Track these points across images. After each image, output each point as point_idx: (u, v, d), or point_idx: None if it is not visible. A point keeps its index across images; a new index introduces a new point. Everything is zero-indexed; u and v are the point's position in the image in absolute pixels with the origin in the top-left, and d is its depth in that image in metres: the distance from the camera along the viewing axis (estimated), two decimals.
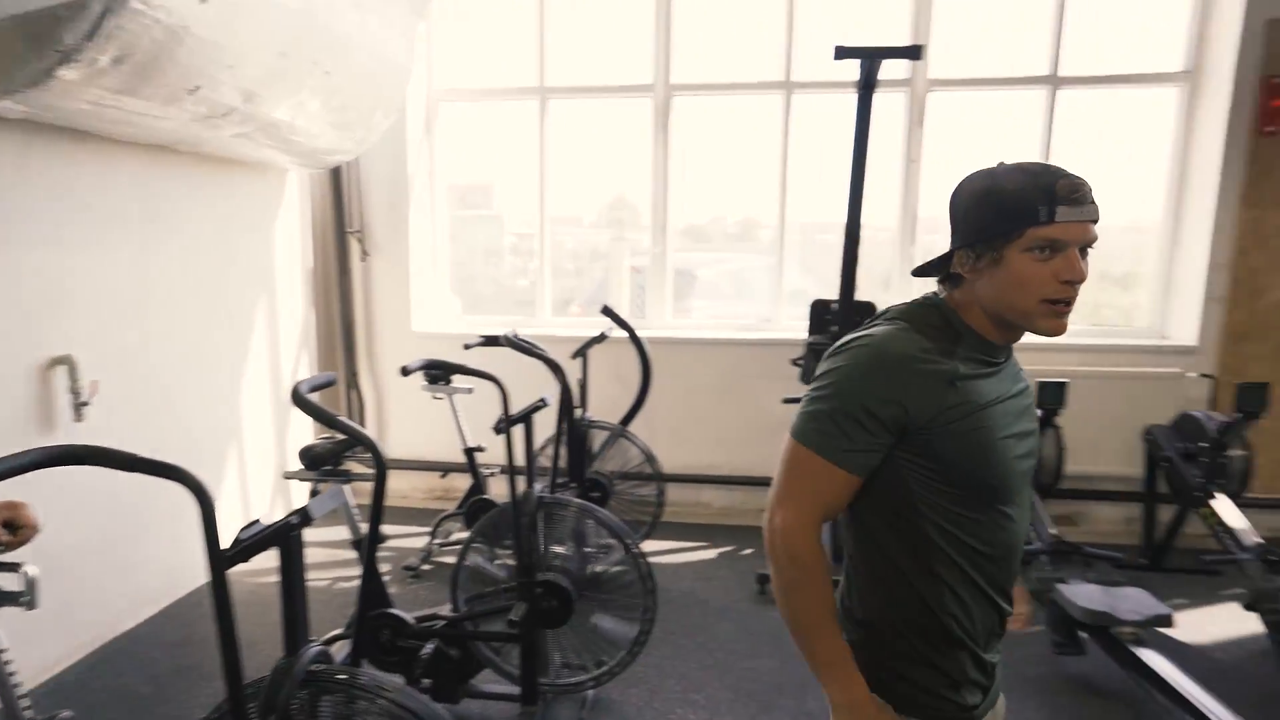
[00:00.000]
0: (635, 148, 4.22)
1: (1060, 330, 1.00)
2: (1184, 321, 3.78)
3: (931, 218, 4.03)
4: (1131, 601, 2.43)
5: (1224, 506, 2.94)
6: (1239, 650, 2.74)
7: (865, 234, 2.95)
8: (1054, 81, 3.83)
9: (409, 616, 2.13)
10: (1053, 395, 2.91)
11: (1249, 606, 2.57)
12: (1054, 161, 1.43)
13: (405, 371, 2.49)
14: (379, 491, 1.84)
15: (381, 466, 1.85)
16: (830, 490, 1.01)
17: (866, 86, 2.86)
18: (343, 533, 2.82)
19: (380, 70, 3.34)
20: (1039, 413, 3.00)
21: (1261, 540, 2.71)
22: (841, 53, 2.83)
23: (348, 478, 2.73)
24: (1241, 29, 3.46)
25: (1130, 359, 3.78)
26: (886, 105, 3.73)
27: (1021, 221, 0.95)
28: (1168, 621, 2.35)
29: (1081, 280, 0.97)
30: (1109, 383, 3.72)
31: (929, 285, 1.13)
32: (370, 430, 4.27)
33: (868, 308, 2.97)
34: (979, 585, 1.04)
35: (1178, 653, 2.68)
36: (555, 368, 2.54)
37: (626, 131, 4.28)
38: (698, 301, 4.77)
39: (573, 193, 4.57)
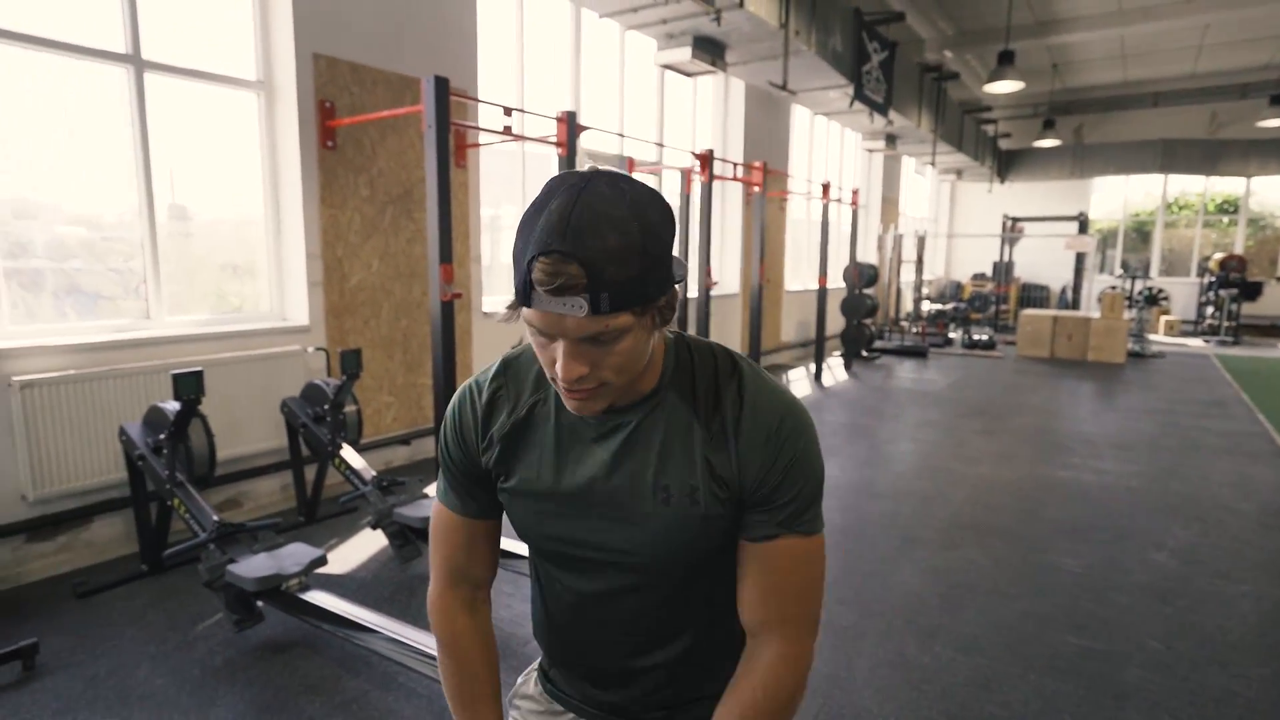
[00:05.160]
0: None
1: (585, 413, 0.84)
2: (296, 304, 4.35)
3: None
4: (293, 557, 2.74)
5: (349, 454, 3.61)
6: (376, 563, 3.47)
7: None
8: (137, 63, 3.67)
9: None
10: (191, 385, 2.91)
11: (374, 526, 3.28)
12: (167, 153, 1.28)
13: None
14: None
15: None
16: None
17: None
18: None
19: None
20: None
21: (375, 473, 3.47)
22: None
23: None
24: (295, 55, 4.09)
25: (260, 341, 4.12)
26: None
27: (517, 293, 0.76)
28: (322, 561, 2.76)
29: (571, 379, 0.77)
30: (246, 365, 3.96)
31: None
32: None
33: None
34: None
35: (337, 584, 3.20)
36: None
37: None
38: None
39: None
